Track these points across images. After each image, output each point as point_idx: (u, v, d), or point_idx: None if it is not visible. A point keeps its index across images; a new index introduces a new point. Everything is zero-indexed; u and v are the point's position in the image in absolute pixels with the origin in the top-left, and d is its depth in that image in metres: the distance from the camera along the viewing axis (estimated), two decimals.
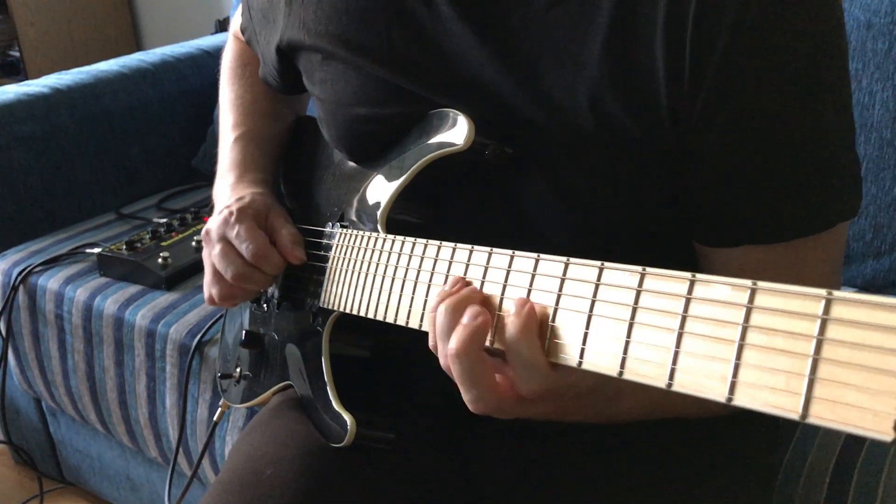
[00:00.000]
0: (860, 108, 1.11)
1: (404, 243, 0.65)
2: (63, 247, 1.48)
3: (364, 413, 0.73)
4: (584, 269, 0.48)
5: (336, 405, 0.73)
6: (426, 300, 0.61)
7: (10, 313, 1.44)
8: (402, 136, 0.73)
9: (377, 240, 0.69)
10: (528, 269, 0.52)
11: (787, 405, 0.35)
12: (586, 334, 0.47)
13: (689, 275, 0.42)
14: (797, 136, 0.60)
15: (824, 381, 0.34)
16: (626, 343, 0.45)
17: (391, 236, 0.67)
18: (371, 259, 0.69)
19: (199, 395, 1.22)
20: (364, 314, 0.69)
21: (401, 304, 0.64)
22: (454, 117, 0.68)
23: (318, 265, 0.79)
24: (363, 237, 0.72)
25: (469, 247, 0.57)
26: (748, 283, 0.39)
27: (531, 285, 0.52)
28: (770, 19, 0.57)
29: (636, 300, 0.45)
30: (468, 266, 0.57)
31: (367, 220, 0.74)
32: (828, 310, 0.35)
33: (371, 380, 0.80)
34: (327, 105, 0.79)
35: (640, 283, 0.45)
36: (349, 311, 0.72)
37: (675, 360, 0.42)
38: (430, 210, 0.74)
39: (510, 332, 0.50)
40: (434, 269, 0.60)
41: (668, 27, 0.59)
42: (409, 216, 0.73)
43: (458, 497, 0.77)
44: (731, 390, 0.38)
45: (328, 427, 0.74)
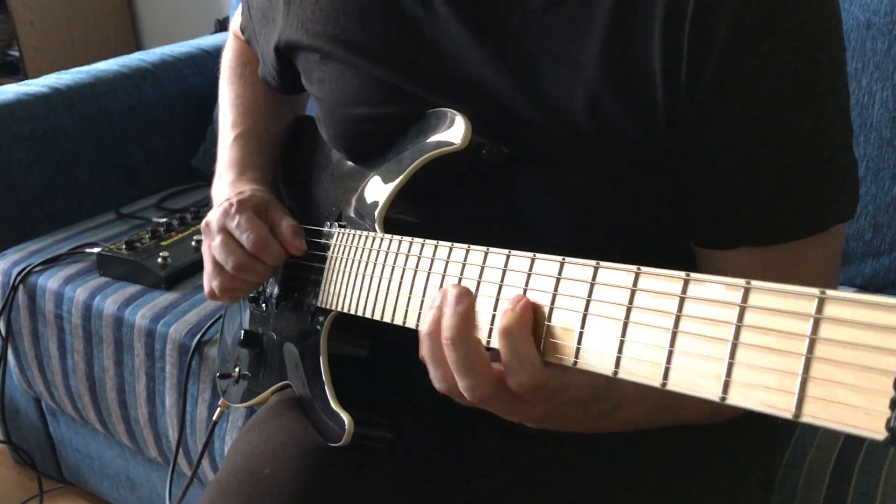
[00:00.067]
0: (860, 108, 1.10)
1: (401, 243, 0.65)
2: (62, 246, 1.48)
3: (362, 412, 0.73)
4: (579, 269, 0.48)
5: (334, 404, 0.73)
6: (423, 300, 0.61)
7: (9, 313, 1.44)
8: (399, 135, 0.73)
9: (375, 239, 0.69)
10: (525, 269, 0.52)
11: (780, 404, 0.35)
12: (581, 333, 0.47)
13: (683, 274, 0.42)
14: (795, 137, 0.60)
15: (817, 380, 0.34)
16: (621, 342, 0.45)
17: (389, 236, 0.67)
18: (369, 259, 0.69)
19: (199, 394, 1.22)
20: (362, 314, 0.69)
21: (398, 303, 0.64)
22: (451, 117, 0.68)
23: (316, 265, 0.79)
24: (361, 237, 0.72)
25: (466, 246, 0.57)
26: (742, 282, 0.39)
27: (527, 284, 0.52)
28: (768, 19, 0.57)
29: (631, 299, 0.45)
30: (465, 265, 0.57)
31: (365, 219, 0.74)
32: (821, 309, 0.35)
33: (369, 379, 0.80)
34: (325, 105, 0.79)
35: (635, 283, 0.45)
36: (347, 310, 0.72)
37: (669, 360, 0.42)
38: (428, 210, 0.74)
39: (503, 322, 0.50)
40: (431, 269, 0.60)
41: (666, 27, 0.59)
42: (407, 216, 0.73)
43: (458, 497, 0.77)
44: (725, 389, 0.38)
45: (326, 426, 0.74)
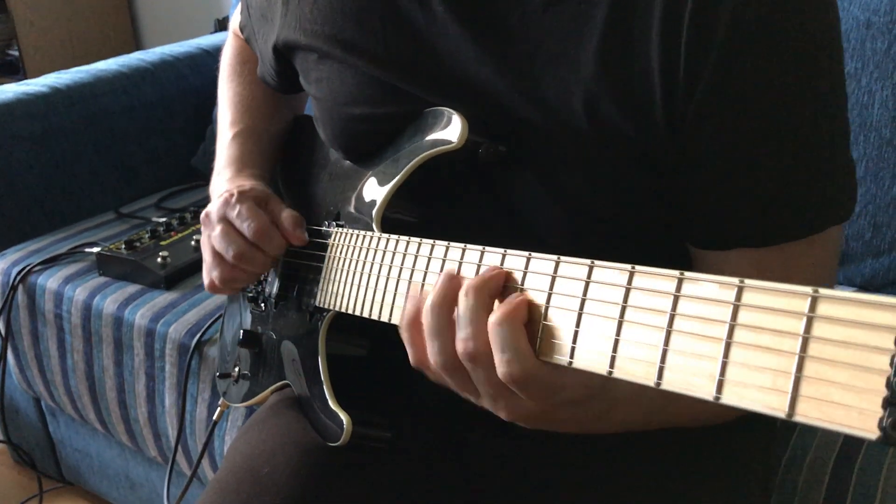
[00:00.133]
0: (859, 108, 1.10)
1: (398, 242, 0.65)
2: (62, 246, 1.48)
3: (361, 412, 0.73)
4: (574, 268, 0.48)
5: (332, 404, 0.73)
6: None
7: (9, 313, 1.44)
8: (397, 134, 0.73)
9: (373, 238, 0.69)
10: (520, 268, 0.52)
11: (773, 403, 0.35)
12: (577, 332, 0.47)
13: (677, 272, 0.42)
14: (794, 138, 0.60)
15: (810, 379, 0.34)
16: (616, 341, 0.45)
17: (386, 235, 0.67)
18: (367, 258, 0.69)
19: (199, 394, 1.22)
20: (360, 313, 0.69)
21: (395, 303, 0.64)
22: (448, 116, 0.68)
23: (315, 264, 0.79)
24: (359, 236, 0.72)
25: (462, 245, 0.57)
26: (735, 280, 0.39)
27: (522, 283, 0.52)
28: (767, 19, 0.57)
29: (625, 298, 0.45)
30: (461, 264, 0.57)
31: (362, 218, 0.74)
32: (814, 307, 0.35)
33: (368, 379, 0.80)
34: (323, 104, 0.79)
35: (630, 281, 0.45)
36: (345, 310, 0.72)
37: (663, 359, 0.41)
38: (425, 209, 0.74)
39: (496, 315, 0.50)
40: (428, 269, 0.60)
41: (664, 28, 0.58)
42: (405, 215, 0.73)
43: (457, 497, 0.77)
44: (719, 388, 0.38)
45: (325, 426, 0.74)
